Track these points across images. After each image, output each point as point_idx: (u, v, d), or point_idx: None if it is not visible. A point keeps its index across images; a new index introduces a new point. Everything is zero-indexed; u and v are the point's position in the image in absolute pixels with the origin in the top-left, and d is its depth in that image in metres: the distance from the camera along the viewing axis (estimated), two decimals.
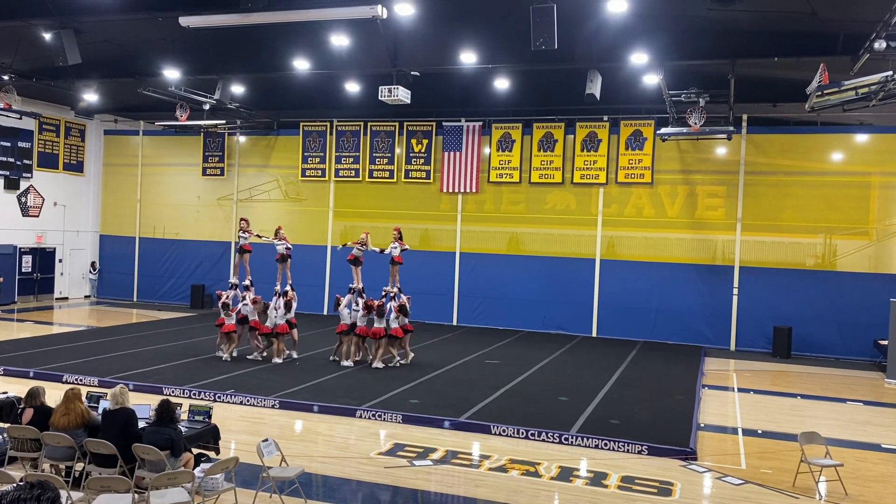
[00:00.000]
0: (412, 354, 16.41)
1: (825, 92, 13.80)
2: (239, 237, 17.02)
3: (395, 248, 16.65)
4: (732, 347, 20.81)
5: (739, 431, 12.00)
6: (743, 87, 16.94)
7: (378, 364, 15.59)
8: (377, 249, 16.92)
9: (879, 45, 12.07)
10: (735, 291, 20.92)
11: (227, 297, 16.20)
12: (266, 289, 17.20)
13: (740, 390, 15.34)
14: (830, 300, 20.00)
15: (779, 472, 9.76)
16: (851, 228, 20.03)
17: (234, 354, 16.06)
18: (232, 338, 15.98)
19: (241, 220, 17.68)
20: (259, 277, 17.94)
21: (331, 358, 16.29)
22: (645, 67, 16.27)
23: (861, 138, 20.24)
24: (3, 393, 10.17)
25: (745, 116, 20.65)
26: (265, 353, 16.15)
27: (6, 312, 23.21)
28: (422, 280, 23.23)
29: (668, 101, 17.59)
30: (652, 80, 17.08)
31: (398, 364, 15.79)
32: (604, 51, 15.62)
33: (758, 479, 9.46)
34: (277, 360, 15.73)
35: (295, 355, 16.28)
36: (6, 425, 9.15)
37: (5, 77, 19.60)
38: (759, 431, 11.99)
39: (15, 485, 2.25)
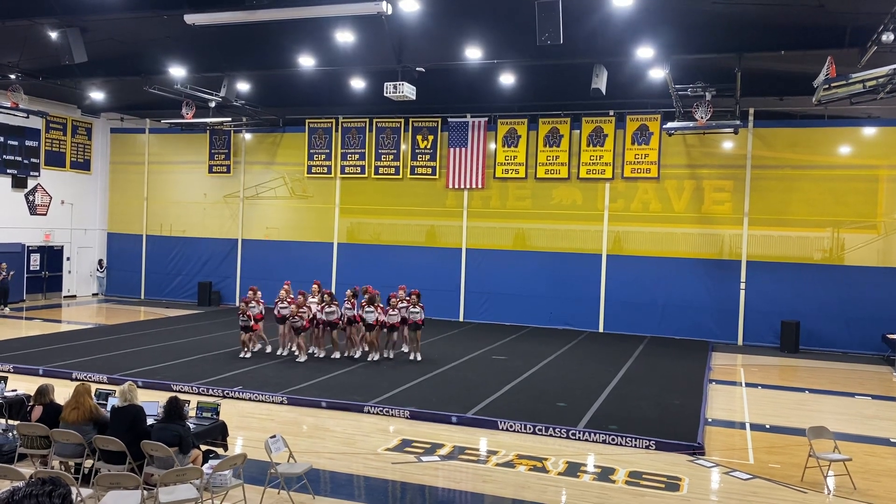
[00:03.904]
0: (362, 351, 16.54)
1: (832, 85, 13.72)
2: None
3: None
4: (740, 342, 20.75)
5: (747, 426, 11.98)
6: (749, 81, 16.86)
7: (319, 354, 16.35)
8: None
9: (887, 37, 11.99)
10: (742, 286, 20.86)
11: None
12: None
13: (748, 385, 15.30)
14: (838, 294, 19.93)
15: (787, 467, 9.74)
16: (859, 222, 19.94)
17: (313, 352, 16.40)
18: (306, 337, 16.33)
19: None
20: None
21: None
22: (651, 62, 16.21)
23: (869, 131, 20.13)
24: (13, 391, 10.24)
25: (751, 110, 20.57)
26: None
27: (15, 310, 23.33)
28: (428, 276, 23.26)
29: (675, 95, 17.51)
30: (658, 74, 17.02)
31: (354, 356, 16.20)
32: (609, 45, 15.56)
33: (766, 474, 9.44)
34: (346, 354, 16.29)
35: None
36: (16, 423, 9.22)
37: (12, 76, 19.67)
38: (767, 426, 11.97)
39: (27, 481, 2.26)
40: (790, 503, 8.51)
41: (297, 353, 16.07)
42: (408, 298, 16.38)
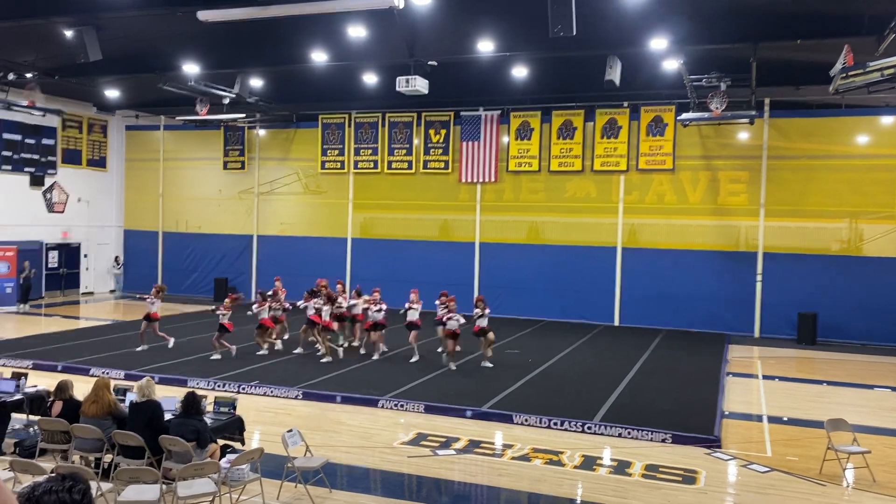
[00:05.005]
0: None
1: (850, 74, 13.53)
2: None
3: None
4: (757, 334, 20.61)
5: (764, 419, 11.90)
6: (765, 71, 16.68)
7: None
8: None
9: None
10: (759, 278, 20.70)
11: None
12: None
13: (765, 377, 15.20)
14: (856, 285, 19.72)
15: (805, 460, 9.67)
16: (877, 212, 19.71)
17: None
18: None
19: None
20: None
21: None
22: (665, 52, 16.07)
23: (887, 120, 19.88)
24: (33, 386, 10.36)
25: (767, 100, 20.35)
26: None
27: (34, 307, 23.60)
28: (441, 270, 23.27)
29: (689, 85, 17.36)
30: (672, 65, 16.88)
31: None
32: (623, 36, 15.45)
33: (784, 467, 9.38)
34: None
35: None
36: (36, 418, 9.33)
37: (28, 75, 19.83)
38: (785, 419, 11.89)
39: (47, 477, 2.28)
40: (809, 496, 8.45)
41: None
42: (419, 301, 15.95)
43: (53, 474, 2.28)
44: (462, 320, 15.04)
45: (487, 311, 15.15)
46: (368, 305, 15.84)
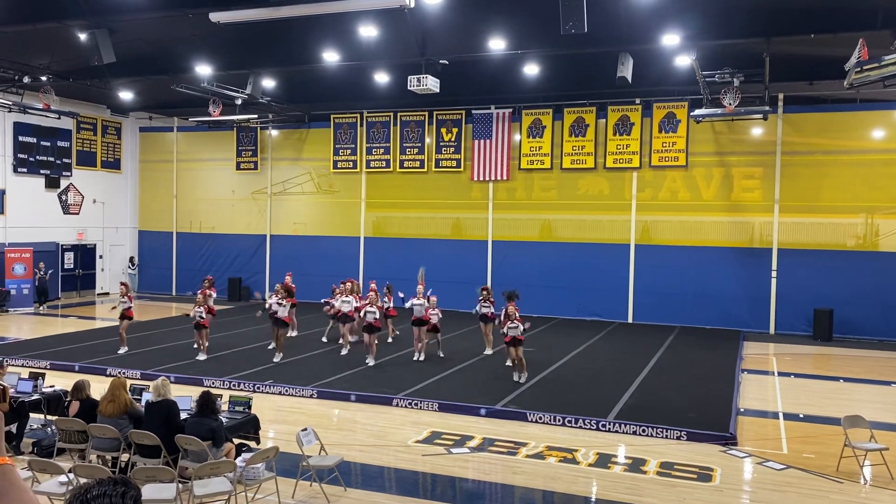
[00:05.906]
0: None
1: (865, 68, 13.39)
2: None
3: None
4: (772, 331, 20.47)
5: (780, 416, 11.83)
6: (778, 66, 16.55)
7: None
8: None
9: None
10: (774, 274, 20.56)
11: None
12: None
13: (781, 374, 15.10)
14: (872, 281, 19.55)
15: (822, 457, 9.60)
16: (893, 207, 19.52)
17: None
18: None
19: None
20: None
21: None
22: (677, 48, 15.98)
23: None
24: (50, 387, 10.46)
25: (780, 95, 20.20)
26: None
27: (51, 308, 23.82)
28: (454, 269, 23.26)
29: (702, 81, 17.25)
30: (684, 60, 16.79)
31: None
32: (634, 33, 15.38)
33: (800, 464, 9.32)
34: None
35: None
36: (54, 418, 9.42)
37: (43, 78, 20.00)
38: (801, 416, 11.81)
39: (98, 479, 2.29)
40: (826, 493, 8.39)
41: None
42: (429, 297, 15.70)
43: (105, 477, 2.30)
44: (526, 325, 13.39)
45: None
46: (367, 305, 15.69)
